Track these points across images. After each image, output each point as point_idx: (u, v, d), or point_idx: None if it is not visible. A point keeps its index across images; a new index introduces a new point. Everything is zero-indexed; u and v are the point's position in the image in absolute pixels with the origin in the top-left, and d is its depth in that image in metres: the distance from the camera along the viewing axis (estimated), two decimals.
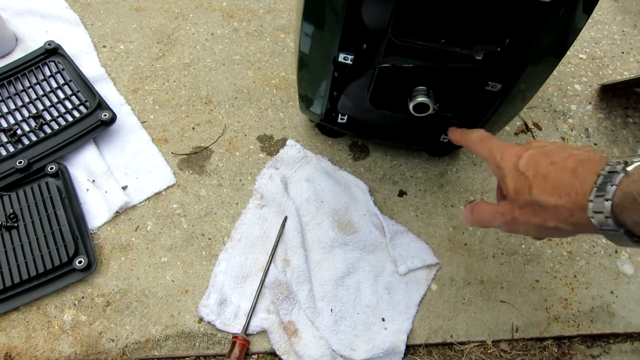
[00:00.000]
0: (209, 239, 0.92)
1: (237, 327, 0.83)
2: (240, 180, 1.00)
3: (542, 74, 0.79)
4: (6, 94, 1.06)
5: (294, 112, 1.11)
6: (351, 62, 0.80)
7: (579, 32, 0.70)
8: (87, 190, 0.94)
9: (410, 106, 0.81)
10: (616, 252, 1.05)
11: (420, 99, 0.81)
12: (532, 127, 1.24)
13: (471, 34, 0.74)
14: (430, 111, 0.82)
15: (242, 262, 0.89)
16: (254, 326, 0.83)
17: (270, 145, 1.05)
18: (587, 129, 1.25)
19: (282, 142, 1.06)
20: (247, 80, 1.16)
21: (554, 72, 1.31)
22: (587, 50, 1.41)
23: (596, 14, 1.52)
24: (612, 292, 1.00)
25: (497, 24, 0.71)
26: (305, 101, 0.95)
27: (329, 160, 1.03)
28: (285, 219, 0.93)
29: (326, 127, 1.04)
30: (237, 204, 0.97)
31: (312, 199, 0.96)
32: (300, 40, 0.79)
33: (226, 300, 0.85)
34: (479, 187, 1.08)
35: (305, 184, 0.98)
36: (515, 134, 1.20)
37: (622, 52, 1.43)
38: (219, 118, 1.09)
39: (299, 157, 1.02)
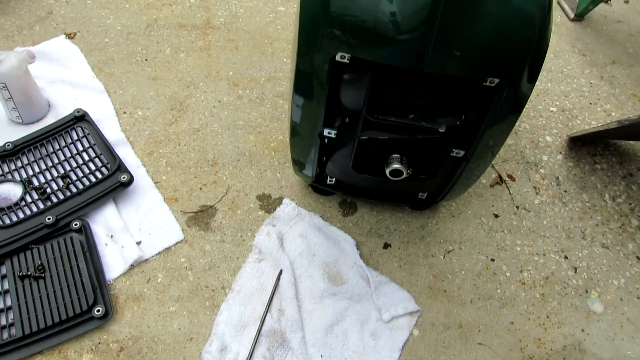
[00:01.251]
0: (212, 290, 1.01)
1: None
2: (241, 236, 1.09)
3: (501, 136, 0.89)
4: (38, 156, 1.17)
5: (290, 172, 1.21)
6: (334, 136, 0.90)
7: (528, 98, 0.79)
8: (106, 244, 1.03)
9: (387, 172, 0.91)
10: (586, 291, 1.12)
11: (395, 165, 0.90)
12: (506, 178, 1.33)
13: (434, 110, 0.84)
14: (405, 175, 0.91)
15: (242, 312, 0.97)
16: None
17: (269, 204, 1.15)
18: (558, 177, 1.33)
19: (279, 201, 1.16)
20: (249, 144, 1.27)
21: (527, 126, 1.41)
22: (557, 103, 1.52)
23: (565, 68, 1.63)
24: (583, 330, 1.06)
25: (454, 102, 0.82)
26: (298, 165, 1.05)
27: (320, 217, 1.13)
28: (281, 272, 1.02)
29: (318, 187, 1.14)
30: (237, 258, 1.05)
31: (305, 253, 1.05)
32: (292, 111, 0.89)
33: (227, 347, 0.92)
34: (457, 237, 1.16)
35: (299, 239, 1.07)
36: (491, 185, 1.29)
37: (590, 103, 1.53)
38: (224, 179, 1.19)
39: (293, 214, 1.11)
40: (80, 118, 1.22)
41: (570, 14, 1.77)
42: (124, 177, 1.09)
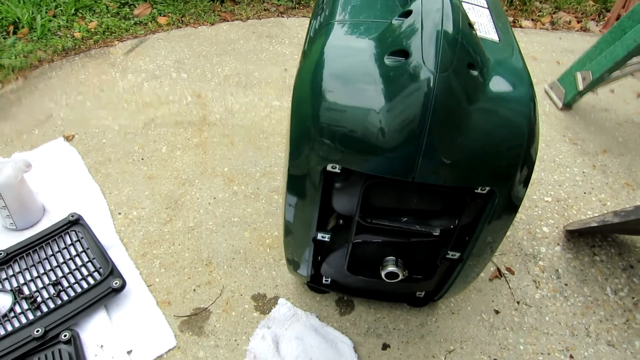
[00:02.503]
0: None
1: None
2: (235, 340, 1.09)
3: (498, 234, 0.91)
4: (30, 263, 1.20)
5: (285, 270, 1.23)
6: (329, 240, 0.94)
7: (522, 199, 0.83)
8: (96, 355, 1.03)
9: (382, 274, 0.94)
10: None
11: (390, 268, 0.93)
12: (505, 272, 1.35)
13: (428, 214, 0.88)
14: (401, 277, 0.94)
15: None
16: None
17: (264, 304, 1.16)
18: (557, 270, 1.35)
19: (275, 300, 1.17)
20: (244, 241, 1.30)
21: (523, 217, 1.45)
22: (552, 193, 1.57)
23: (557, 157, 1.71)
24: None
25: (447, 207, 0.86)
26: (293, 264, 1.08)
27: (317, 316, 1.13)
28: None
29: (313, 286, 1.16)
30: None
31: (302, 356, 1.05)
32: (286, 210, 0.93)
33: None
34: (458, 336, 1.16)
35: (295, 342, 1.07)
36: (490, 279, 1.31)
37: (585, 193, 1.59)
38: (218, 279, 1.21)
39: (289, 315, 1.12)
40: (74, 222, 1.27)
41: (559, 103, 1.89)
42: (116, 283, 1.11)
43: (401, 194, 0.84)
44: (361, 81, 0.76)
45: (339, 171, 0.78)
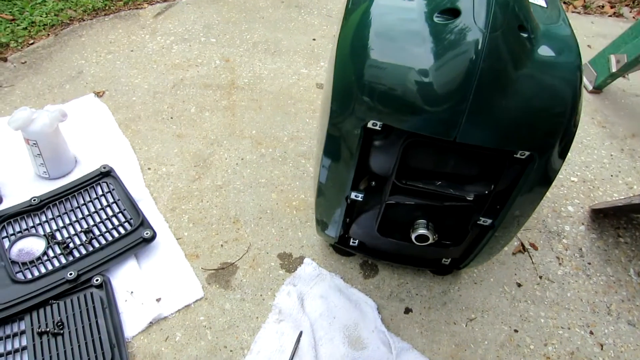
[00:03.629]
0: (231, 351, 1.01)
1: None
2: (261, 295, 1.11)
3: (529, 207, 0.91)
4: (63, 210, 1.22)
5: (311, 232, 1.24)
6: (361, 199, 0.94)
7: (558, 172, 0.83)
8: (126, 301, 1.06)
9: (413, 237, 0.94)
10: None
11: (421, 231, 0.93)
12: (529, 247, 1.34)
13: (463, 178, 0.88)
14: (430, 241, 0.94)
15: None
16: None
17: (289, 263, 1.17)
18: (581, 249, 1.34)
19: (300, 260, 1.18)
20: (270, 202, 1.31)
21: (548, 195, 1.44)
22: (578, 173, 1.55)
23: (585, 139, 1.68)
24: None
25: (484, 172, 0.85)
26: (321, 225, 1.09)
27: (341, 278, 1.14)
28: (301, 334, 1.03)
29: (339, 247, 1.16)
30: (257, 317, 1.07)
31: (326, 314, 1.06)
32: (320, 172, 0.93)
33: None
34: (479, 305, 1.16)
35: (320, 301, 1.08)
36: (513, 253, 1.31)
37: (611, 175, 1.57)
38: (245, 236, 1.22)
39: (314, 274, 1.13)
40: (105, 174, 1.28)
41: (589, 86, 1.85)
42: (146, 233, 1.13)
43: (439, 156, 0.84)
44: (409, 39, 0.75)
45: (380, 129, 0.78)
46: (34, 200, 1.20)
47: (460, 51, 0.71)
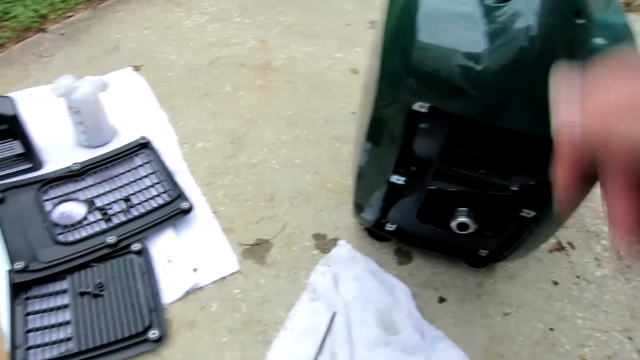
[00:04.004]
0: (265, 325, 1.05)
1: None
2: (295, 273, 1.14)
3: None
4: (102, 178, 1.27)
5: (346, 214, 1.27)
6: (403, 183, 0.97)
7: None
8: (163, 269, 1.10)
9: (453, 224, 0.96)
10: None
11: (462, 219, 0.95)
12: (567, 245, 1.36)
13: (508, 167, 0.89)
14: (471, 230, 0.96)
15: (294, 351, 1.00)
16: None
17: (324, 243, 1.21)
18: (619, 252, 1.35)
19: (334, 242, 1.21)
20: (305, 183, 1.35)
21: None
22: None
23: None
24: None
25: (531, 161, 0.87)
26: (359, 208, 1.12)
27: (375, 262, 1.17)
28: (335, 314, 1.06)
29: (374, 231, 1.19)
30: (291, 295, 1.10)
31: (359, 297, 1.09)
32: (361, 156, 0.96)
33: None
34: (515, 301, 1.18)
35: (353, 283, 1.11)
36: (550, 251, 1.32)
37: None
38: (280, 215, 1.26)
39: (348, 257, 1.16)
40: (144, 145, 1.33)
41: None
42: (184, 205, 1.17)
43: (485, 142, 0.85)
44: (459, 21, 0.76)
45: (427, 111, 0.79)
46: (75, 165, 1.25)
47: (512, 36, 0.72)
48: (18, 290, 1.02)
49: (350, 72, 1.74)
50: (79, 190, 1.23)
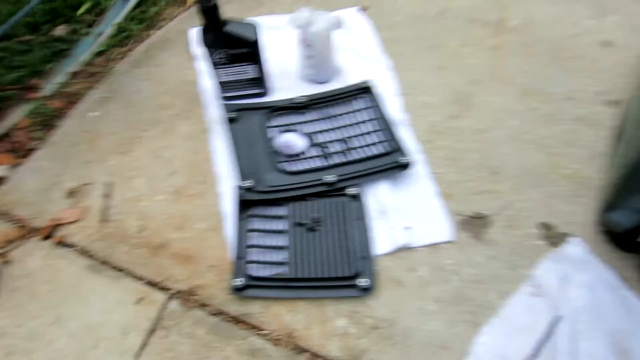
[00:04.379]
0: (476, 306, 0.98)
1: None
2: (515, 260, 1.04)
3: None
4: (323, 115, 1.28)
5: (582, 210, 1.12)
6: None
7: None
8: (376, 219, 1.08)
9: None
10: None
11: None
12: None
13: None
14: None
15: (505, 344, 0.92)
16: None
17: (552, 236, 1.08)
18: None
19: (563, 237, 1.08)
20: (536, 163, 1.21)
21: None
22: None
23: None
24: None
25: None
26: (611, 207, 0.97)
27: (615, 274, 1.02)
28: (558, 318, 0.95)
29: (621, 239, 1.03)
30: (508, 282, 1.01)
31: (590, 309, 0.96)
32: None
33: None
34: None
35: (585, 290, 0.98)
36: None
37: None
38: (503, 191, 1.16)
39: (582, 259, 1.03)
40: (366, 89, 1.31)
41: None
42: (403, 160, 1.13)
43: None
44: None
45: None
46: (302, 98, 1.27)
47: None
48: (244, 206, 1.08)
49: (601, 44, 1.51)
50: (301, 123, 1.26)
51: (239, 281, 0.98)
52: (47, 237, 1.16)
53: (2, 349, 0.99)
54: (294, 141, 1.22)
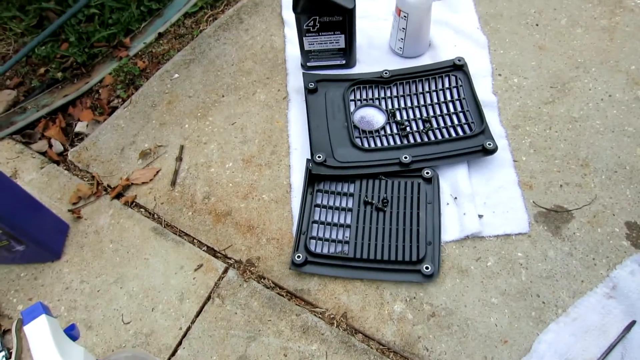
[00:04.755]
0: (543, 302, 1.01)
1: None
2: (593, 259, 1.05)
3: None
4: (407, 92, 1.33)
5: None
6: None
7: None
8: (447, 204, 1.13)
9: None
10: None
11: None
12: None
13: None
14: None
15: (570, 344, 0.95)
16: None
17: (639, 237, 1.07)
18: None
19: None
20: (633, 157, 1.19)
21: None
22: None
23: None
24: None
25: None
26: None
27: None
28: (633, 323, 0.95)
29: None
30: (582, 281, 1.02)
31: None
32: None
33: None
34: None
35: None
36: None
37: None
38: (591, 186, 1.15)
39: None
40: (458, 67, 1.33)
41: None
42: (489, 144, 1.15)
43: None
44: None
45: None
46: (386, 73, 1.33)
47: None
48: (313, 180, 1.17)
49: None
50: (383, 98, 1.32)
51: (299, 256, 1.07)
52: (117, 197, 1.28)
53: (64, 303, 1.14)
54: (372, 117, 1.29)
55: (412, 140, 1.23)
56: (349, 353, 0.98)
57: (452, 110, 1.27)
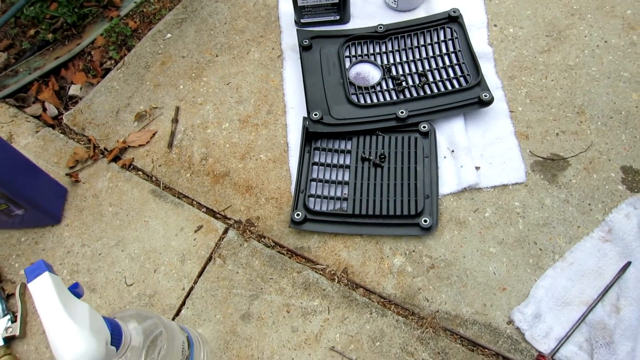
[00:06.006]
0: (540, 249, 1.03)
1: (544, 347, 0.94)
2: (589, 204, 1.07)
3: None
4: (402, 46, 1.33)
5: None
6: None
7: None
8: (445, 157, 1.14)
9: None
10: None
11: None
12: None
13: None
14: None
15: (567, 287, 0.98)
16: (562, 355, 0.92)
17: (634, 181, 1.08)
18: None
19: None
20: (629, 102, 1.19)
21: None
22: None
23: None
24: None
25: None
26: None
27: None
28: (628, 264, 0.97)
29: None
30: (578, 227, 1.04)
31: None
32: None
33: (540, 317, 0.96)
34: None
35: None
36: None
37: None
38: (587, 133, 1.16)
39: None
40: (453, 19, 1.32)
41: None
42: (485, 96, 1.15)
43: None
44: None
45: None
46: (380, 28, 1.32)
47: None
48: (310, 138, 1.17)
49: None
50: (378, 53, 1.32)
51: (298, 214, 1.08)
52: (114, 159, 1.28)
53: (67, 267, 1.15)
54: (368, 72, 1.29)
55: (408, 95, 1.22)
56: (351, 307, 1.01)
57: (447, 63, 1.27)
